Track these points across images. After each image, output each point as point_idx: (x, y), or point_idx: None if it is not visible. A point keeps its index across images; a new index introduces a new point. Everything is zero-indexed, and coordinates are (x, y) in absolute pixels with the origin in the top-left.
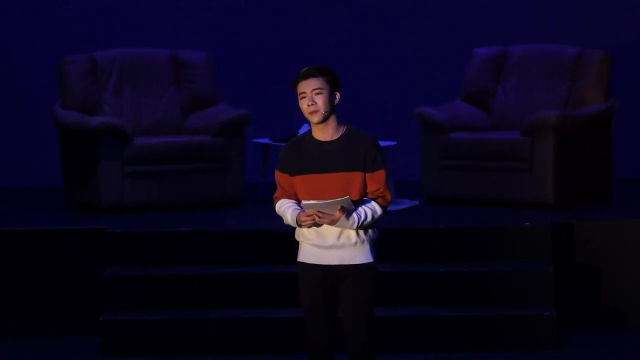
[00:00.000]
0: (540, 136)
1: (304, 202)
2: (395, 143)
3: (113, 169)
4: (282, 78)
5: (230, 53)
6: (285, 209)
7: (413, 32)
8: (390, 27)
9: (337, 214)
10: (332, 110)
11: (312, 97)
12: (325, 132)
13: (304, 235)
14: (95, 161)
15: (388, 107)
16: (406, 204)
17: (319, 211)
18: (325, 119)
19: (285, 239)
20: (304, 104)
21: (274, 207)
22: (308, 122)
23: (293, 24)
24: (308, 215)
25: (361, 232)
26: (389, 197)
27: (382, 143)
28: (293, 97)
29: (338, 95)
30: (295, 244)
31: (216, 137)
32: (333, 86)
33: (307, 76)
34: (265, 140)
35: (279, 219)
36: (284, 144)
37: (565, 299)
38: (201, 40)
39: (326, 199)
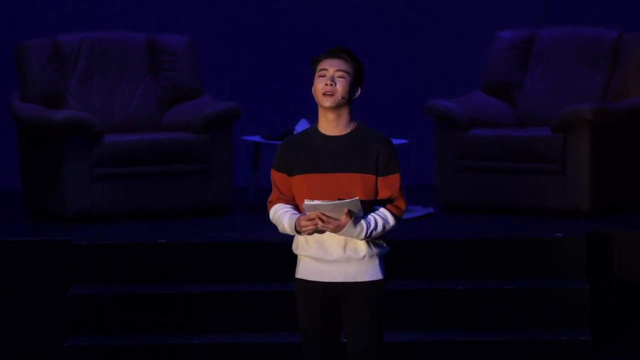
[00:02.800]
0: (574, 133)
1: (306, 201)
2: (405, 141)
3: (80, 171)
4: (275, 67)
5: (215, 38)
6: (282, 214)
7: (426, 12)
8: (400, 7)
9: (344, 218)
10: (349, 101)
11: (333, 77)
12: (334, 126)
13: (303, 247)
14: (60, 162)
15: (397, 100)
16: (418, 211)
17: (322, 214)
18: (337, 107)
19: (280, 252)
20: (320, 83)
21: (268, 213)
22: (307, 119)
23: (287, 5)
24: (310, 219)
25: (371, 244)
26: (403, 205)
27: None
28: (288, 89)
29: (359, 91)
30: (293, 258)
31: (200, 134)
32: (358, 77)
33: (334, 55)
34: (256, 138)
35: (273, 228)
36: (278, 142)
37: (603, 321)
38: (182, 23)
39: (331, 200)
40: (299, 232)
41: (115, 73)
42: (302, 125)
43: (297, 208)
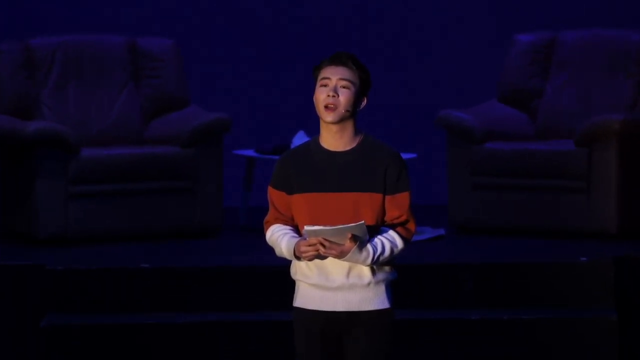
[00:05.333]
0: (600, 147)
1: (307, 227)
2: (414, 156)
3: (54, 189)
4: (269, 74)
5: (203, 43)
6: (280, 236)
7: (436, 12)
8: (406, 10)
9: (348, 244)
10: (353, 114)
11: (336, 87)
12: (337, 140)
13: (302, 272)
14: (32, 179)
15: (404, 110)
16: (428, 233)
17: (325, 239)
18: (340, 121)
19: (276, 278)
20: (322, 94)
21: (264, 234)
22: (305, 131)
23: (284, 8)
24: (311, 245)
25: (377, 269)
26: (412, 227)
27: None
28: (283, 98)
29: (365, 102)
30: (290, 284)
31: (186, 148)
32: (363, 88)
33: (338, 62)
34: (249, 153)
35: (268, 251)
36: (273, 157)
37: (633, 354)
38: (166, 26)
39: (334, 225)
40: (298, 258)
41: (93, 80)
42: (299, 138)
43: (296, 229)
